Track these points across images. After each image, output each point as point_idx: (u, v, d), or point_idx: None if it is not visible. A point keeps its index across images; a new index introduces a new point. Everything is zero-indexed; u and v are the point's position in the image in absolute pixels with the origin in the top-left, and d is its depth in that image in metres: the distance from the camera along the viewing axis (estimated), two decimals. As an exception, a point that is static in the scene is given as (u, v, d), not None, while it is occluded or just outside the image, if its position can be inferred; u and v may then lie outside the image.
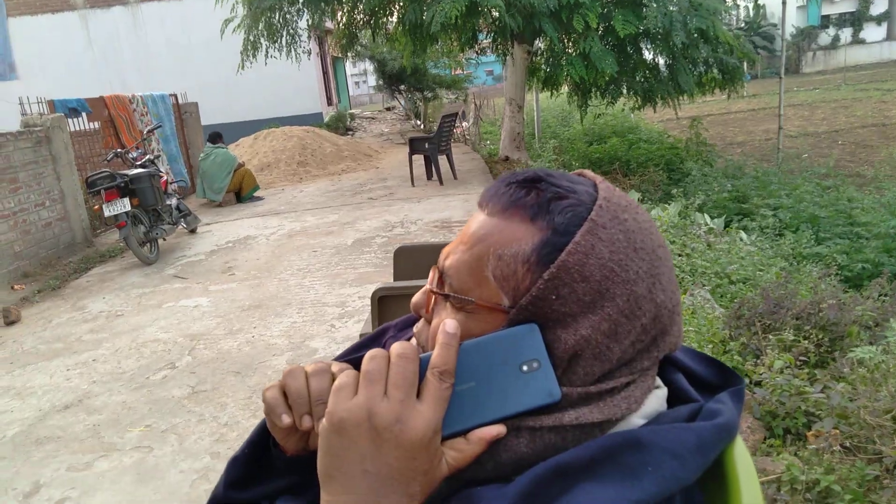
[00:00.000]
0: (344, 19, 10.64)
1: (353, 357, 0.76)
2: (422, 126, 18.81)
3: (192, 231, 7.54)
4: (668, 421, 0.56)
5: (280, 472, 0.68)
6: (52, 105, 7.69)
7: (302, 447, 0.65)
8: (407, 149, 9.57)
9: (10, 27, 11.33)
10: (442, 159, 9.25)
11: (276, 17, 10.01)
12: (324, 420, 0.52)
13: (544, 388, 0.53)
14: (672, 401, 0.61)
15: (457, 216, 7.00)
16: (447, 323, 0.54)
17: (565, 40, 9.23)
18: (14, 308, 5.13)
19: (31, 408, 3.46)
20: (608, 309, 0.53)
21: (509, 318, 0.55)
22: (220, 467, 2.68)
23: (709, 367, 0.67)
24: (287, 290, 5.03)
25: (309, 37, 10.82)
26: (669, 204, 6.15)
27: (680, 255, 4.71)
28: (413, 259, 3.17)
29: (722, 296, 4.12)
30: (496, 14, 8.64)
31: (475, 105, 17.11)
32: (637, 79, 9.99)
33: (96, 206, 6.15)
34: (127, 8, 17.01)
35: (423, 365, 0.53)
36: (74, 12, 16.95)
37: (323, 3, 9.69)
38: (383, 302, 2.51)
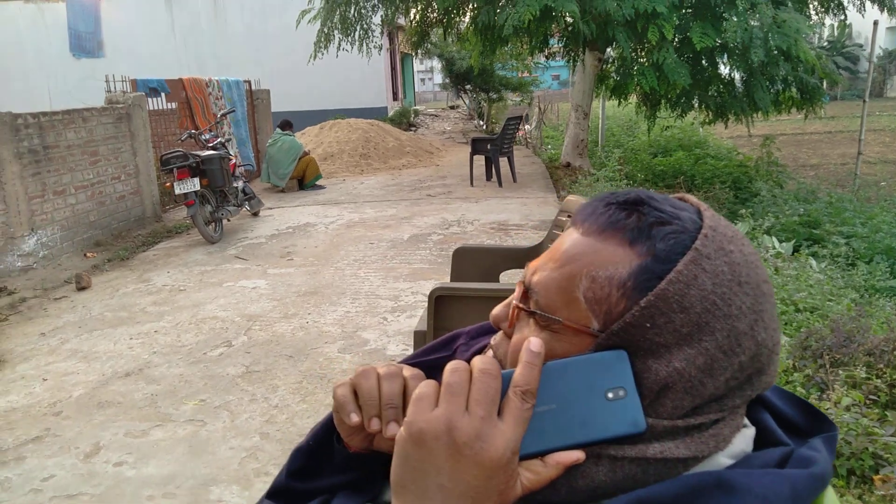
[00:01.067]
0: (417, 17, 10.74)
1: (422, 360, 0.75)
2: (484, 126, 18.79)
3: (255, 214, 7.75)
4: (759, 464, 0.53)
5: (341, 467, 0.68)
6: (135, 84, 8.03)
7: (366, 446, 0.65)
8: (468, 148, 9.58)
9: (101, 7, 11.91)
10: (503, 161, 9.22)
11: (352, 11, 10.18)
12: (402, 429, 0.52)
13: (629, 418, 0.51)
14: (758, 441, 0.58)
15: (514, 219, 6.96)
16: (532, 342, 0.52)
17: (638, 50, 9.05)
18: (86, 274, 5.39)
19: (95, 372, 3.63)
20: (706, 343, 0.51)
21: (597, 343, 0.53)
22: (269, 448, 2.76)
23: (798, 409, 0.63)
24: (342, 279, 5.11)
25: (382, 32, 10.95)
26: (736, 224, 5.95)
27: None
28: (472, 260, 3.17)
29: (787, 323, 3.96)
30: (570, 20, 8.54)
31: (539, 109, 16.98)
32: (710, 93, 9.72)
33: (167, 184, 6.39)
34: (209, -6, 17.61)
35: (505, 382, 0.52)
36: (161, -4, 17.66)
37: (398, 0, 9.80)
38: (440, 301, 2.52)
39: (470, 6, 9.64)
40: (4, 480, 2.63)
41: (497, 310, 0.62)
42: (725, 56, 9.06)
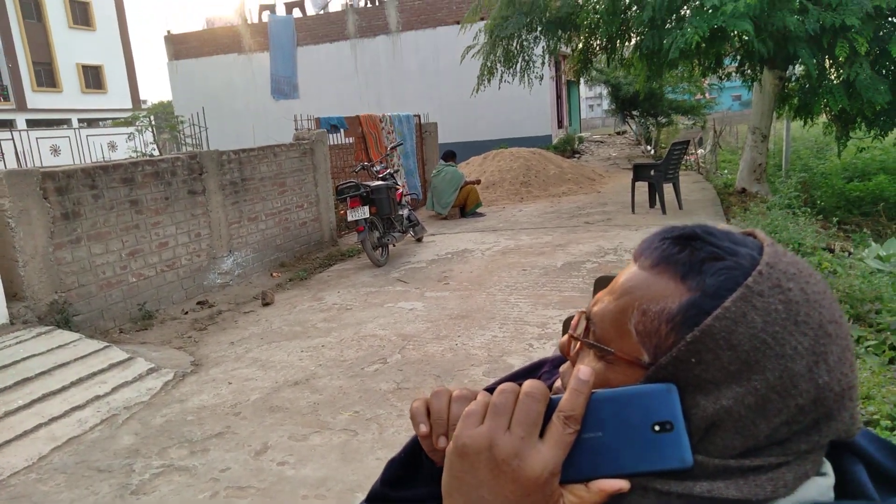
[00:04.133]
0: (580, 45, 10.74)
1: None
2: (652, 152, 18.11)
3: (419, 240, 8.19)
4: None
5: (429, 479, 0.73)
6: (318, 122, 8.93)
7: None
8: (631, 174, 9.32)
9: (297, 55, 13.42)
10: (668, 188, 8.84)
11: (514, 45, 10.45)
12: (451, 443, 0.56)
13: (676, 453, 0.51)
14: (843, 493, 0.56)
15: (676, 249, 6.63)
16: (581, 370, 0.54)
17: (826, 65, 8.25)
18: (270, 292, 6.06)
19: (270, 379, 4.08)
20: (756, 382, 0.50)
21: (647, 375, 0.54)
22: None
23: None
24: (493, 304, 5.23)
25: (544, 62, 11.10)
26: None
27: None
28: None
29: None
30: (744, 37, 8.04)
31: (714, 131, 16.01)
32: (919, 108, 8.54)
33: (342, 211, 7.00)
34: (389, 36, 19.06)
35: (553, 406, 0.54)
36: (347, 41, 19.46)
37: (560, 31, 9.89)
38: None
39: (634, 31, 9.45)
40: (192, 468, 3.05)
41: (563, 339, 0.65)
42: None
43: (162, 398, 3.89)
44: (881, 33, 7.67)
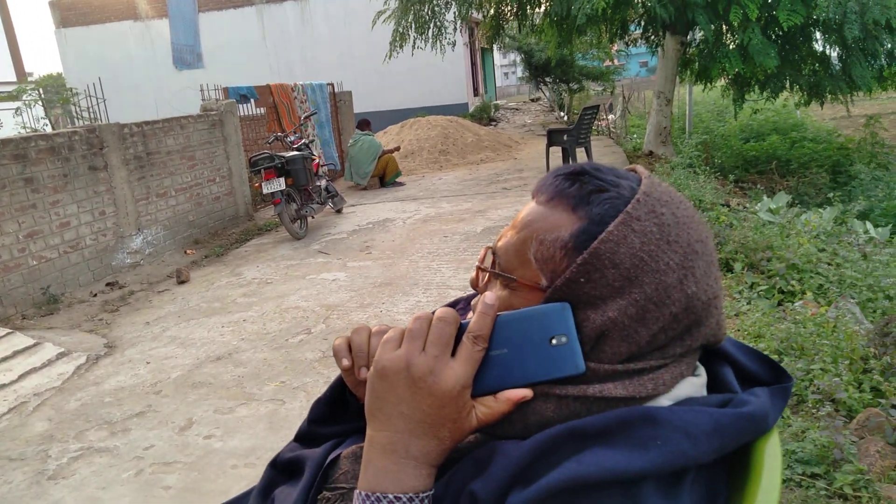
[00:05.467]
0: (492, 11, 10.79)
1: None
2: (566, 118, 18.57)
3: (338, 211, 8.10)
4: (696, 405, 0.58)
5: (353, 415, 0.79)
6: (226, 92, 8.59)
7: None
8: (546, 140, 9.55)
9: (199, 22, 12.76)
10: (580, 152, 9.13)
11: (425, 9, 10.37)
12: (372, 366, 0.61)
13: (570, 361, 0.58)
14: (714, 391, 0.64)
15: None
16: (486, 295, 0.61)
17: (723, 31, 8.69)
18: (185, 269, 5.87)
19: (190, 356, 3.98)
20: (635, 294, 0.57)
21: (546, 297, 0.60)
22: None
23: (762, 364, 0.68)
24: (416, 271, 5.29)
25: (456, 28, 11.09)
26: (825, 208, 5.65)
27: (829, 265, 4.34)
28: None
29: (874, 311, 3.76)
30: (647, 4, 8.33)
31: (623, 97, 16.58)
32: (804, 72, 9.18)
33: (257, 184, 6.82)
34: (297, 3, 18.41)
35: (464, 329, 0.60)
36: (253, 7, 18.64)
37: (471, -5, 9.88)
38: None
39: (544, -3, 9.60)
40: (113, 448, 2.97)
41: (473, 274, 0.72)
42: (821, 30, 8.55)
43: (75, 382, 3.73)
44: (770, 0, 8.15)
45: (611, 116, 16.59)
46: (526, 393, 0.59)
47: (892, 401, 2.55)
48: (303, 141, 7.60)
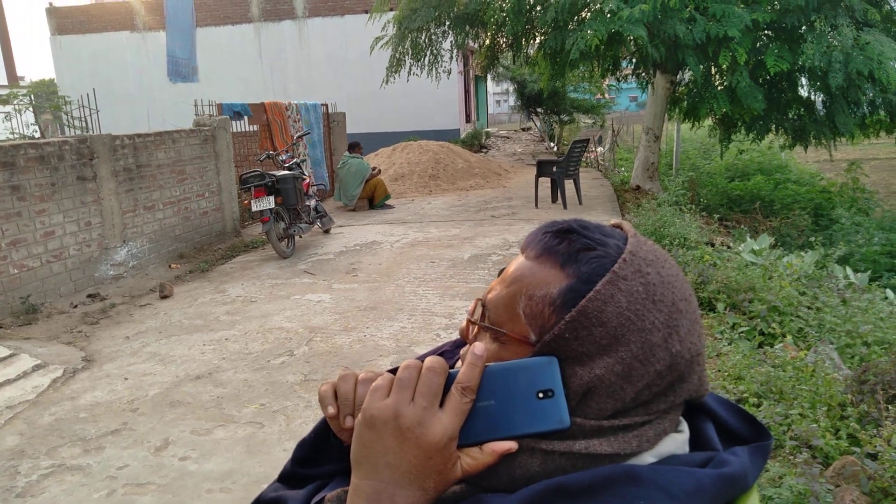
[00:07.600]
0: (487, 42, 10.96)
1: None
2: (555, 149, 18.79)
3: (326, 231, 8.10)
4: (679, 464, 0.59)
5: (337, 457, 0.78)
6: (220, 108, 8.60)
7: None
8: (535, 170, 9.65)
9: (196, 36, 12.82)
10: (568, 184, 9.23)
11: (423, 38, 10.52)
12: (359, 414, 0.62)
13: (556, 416, 0.59)
14: (696, 447, 0.65)
15: (576, 242, 6.96)
16: (476, 346, 0.62)
17: (712, 72, 8.90)
18: (169, 284, 5.82)
19: (170, 374, 3.94)
20: (622, 353, 0.58)
21: (534, 352, 0.62)
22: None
23: (742, 420, 0.69)
24: (402, 295, 5.29)
25: (451, 56, 11.24)
26: (806, 252, 5.74)
27: (809, 308, 4.40)
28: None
29: (852, 357, 3.81)
30: (639, 43, 8.52)
31: (613, 131, 16.83)
32: (789, 116, 9.40)
33: (246, 201, 6.81)
34: (295, 22, 18.56)
35: (452, 379, 0.61)
36: (251, 25, 18.77)
37: (468, 26, 10.05)
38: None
39: (539, 31, 9.77)
40: (86, 466, 2.91)
41: (463, 324, 0.72)
42: (807, 77, 8.77)
43: (50, 396, 3.66)
44: (758, 45, 8.36)
45: (600, 149, 16.81)
46: (511, 445, 0.59)
47: (868, 450, 2.58)
48: (294, 160, 7.62)
